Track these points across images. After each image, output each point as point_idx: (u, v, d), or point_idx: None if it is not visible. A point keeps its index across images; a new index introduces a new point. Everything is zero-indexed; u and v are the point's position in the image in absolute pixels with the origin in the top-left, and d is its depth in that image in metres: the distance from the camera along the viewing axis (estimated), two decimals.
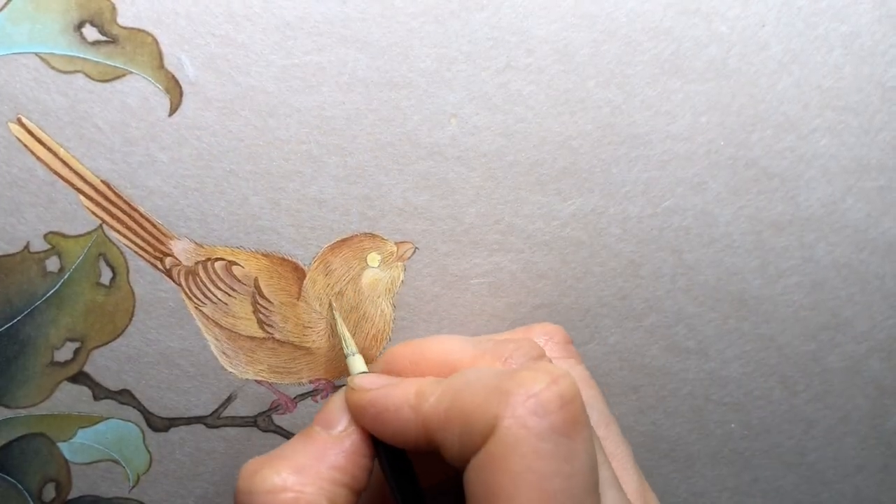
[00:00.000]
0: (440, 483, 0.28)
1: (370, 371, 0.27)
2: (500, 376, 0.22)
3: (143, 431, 0.30)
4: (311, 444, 0.25)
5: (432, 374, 0.25)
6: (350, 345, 0.28)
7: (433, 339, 0.27)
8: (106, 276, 0.29)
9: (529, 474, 0.21)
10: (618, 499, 0.24)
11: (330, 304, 0.30)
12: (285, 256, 0.29)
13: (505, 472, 0.21)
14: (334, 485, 0.24)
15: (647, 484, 0.27)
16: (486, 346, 0.25)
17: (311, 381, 0.31)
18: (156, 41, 0.27)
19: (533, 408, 0.21)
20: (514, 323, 0.31)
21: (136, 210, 0.28)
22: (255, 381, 0.30)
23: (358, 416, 0.25)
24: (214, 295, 0.29)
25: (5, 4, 0.26)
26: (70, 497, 0.31)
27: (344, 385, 0.31)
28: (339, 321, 0.29)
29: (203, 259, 0.29)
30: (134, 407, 0.30)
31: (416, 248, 0.30)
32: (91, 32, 0.27)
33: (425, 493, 0.26)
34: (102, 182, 0.28)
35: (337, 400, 0.26)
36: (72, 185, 0.28)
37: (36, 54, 0.27)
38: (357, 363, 0.27)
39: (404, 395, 0.24)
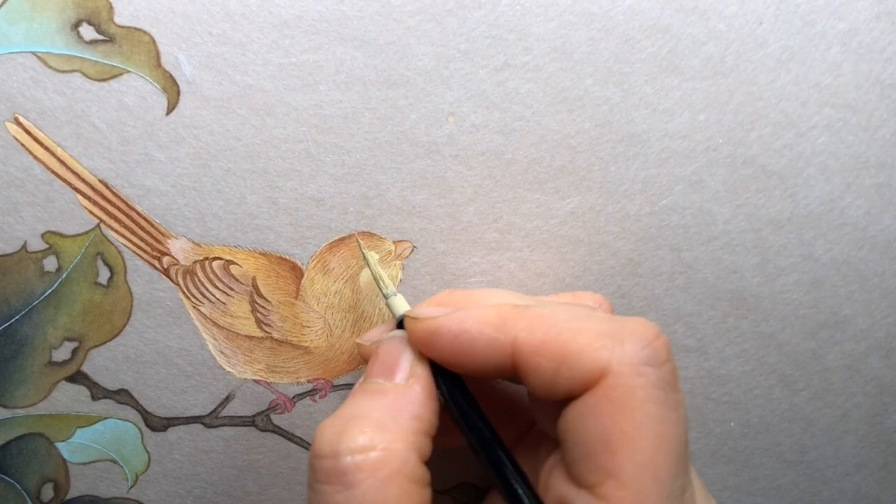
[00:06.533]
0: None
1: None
2: (609, 321, 0.23)
3: (141, 431, 0.30)
4: (382, 398, 0.24)
5: None
6: (388, 285, 0.27)
7: (488, 290, 0.26)
8: (104, 275, 0.29)
9: (647, 419, 0.22)
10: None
11: (357, 241, 0.28)
12: (283, 255, 0.29)
13: (623, 415, 0.22)
14: (418, 436, 0.23)
15: None
16: (548, 303, 0.25)
17: (309, 381, 0.31)
18: (153, 40, 0.27)
19: (647, 358, 0.22)
20: None
21: (133, 209, 0.28)
22: (254, 380, 0.30)
23: (429, 344, 0.24)
24: (212, 294, 0.29)
25: (2, 3, 0.26)
26: (68, 497, 0.31)
27: (347, 385, 0.31)
28: (371, 260, 0.28)
29: (201, 258, 0.29)
30: (132, 406, 0.30)
31: (415, 246, 0.30)
32: (88, 31, 0.27)
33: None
34: (100, 181, 0.28)
35: (392, 345, 0.25)
36: (69, 184, 0.28)
37: (33, 53, 0.27)
38: (399, 303, 0.26)
39: (484, 317, 0.24)
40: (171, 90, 0.27)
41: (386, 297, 0.27)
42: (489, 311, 0.24)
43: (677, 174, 0.30)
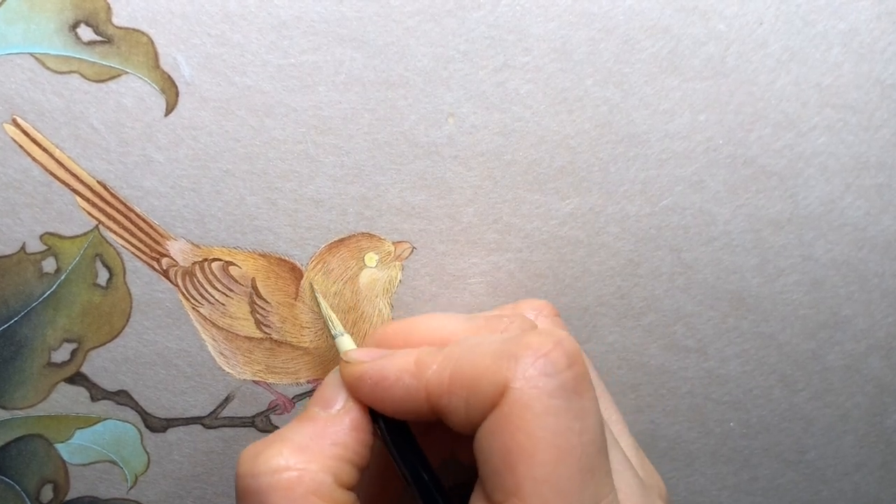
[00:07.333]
0: (440, 465, 0.28)
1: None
2: (505, 341, 0.23)
3: (140, 432, 0.30)
4: (310, 425, 0.25)
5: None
6: (336, 325, 0.28)
7: (424, 317, 0.27)
8: (102, 276, 0.29)
9: (544, 432, 0.21)
10: (621, 459, 0.25)
11: (311, 287, 0.29)
12: (282, 257, 0.29)
13: (520, 430, 0.21)
14: (337, 461, 0.24)
15: (642, 451, 0.28)
16: (479, 322, 0.26)
17: (308, 381, 0.31)
18: (151, 41, 0.27)
19: (542, 368, 0.22)
20: None
21: (132, 211, 0.28)
22: (253, 381, 0.30)
23: (355, 388, 0.25)
24: (211, 295, 0.29)
25: (0, 4, 0.26)
26: (68, 498, 0.31)
27: None
28: (322, 303, 0.29)
29: (200, 259, 0.29)
30: (131, 408, 0.30)
31: (414, 247, 0.30)
32: (86, 32, 0.27)
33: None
34: (98, 183, 0.28)
35: (332, 378, 0.26)
36: (68, 185, 0.28)
37: (31, 55, 0.27)
38: (346, 342, 0.27)
39: (403, 363, 0.24)
40: (170, 91, 0.27)
41: (333, 336, 0.27)
42: (409, 358, 0.24)
43: (677, 175, 0.30)
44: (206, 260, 0.29)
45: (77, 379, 0.29)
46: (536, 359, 0.22)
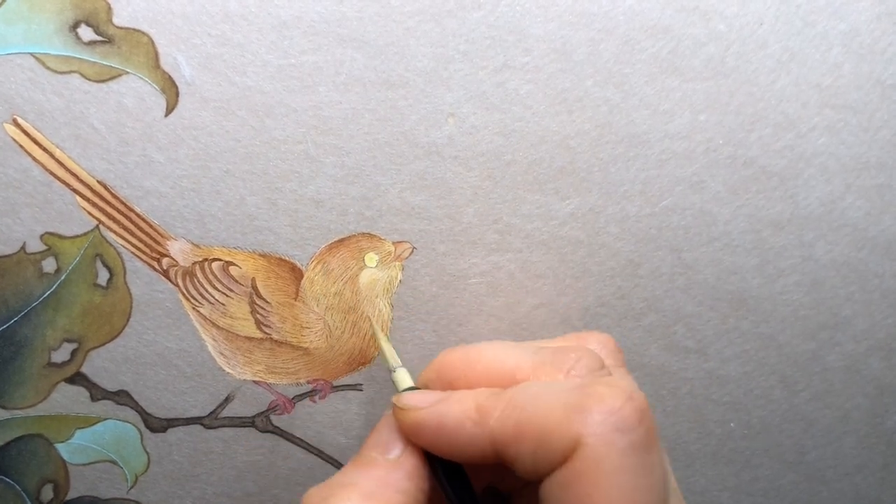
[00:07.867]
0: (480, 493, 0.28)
1: (420, 378, 0.26)
2: (574, 392, 0.23)
3: (140, 432, 0.30)
4: (373, 470, 0.24)
5: (487, 383, 0.25)
6: (392, 359, 0.27)
7: (487, 346, 0.26)
8: (103, 276, 0.29)
9: (616, 490, 0.21)
10: None
11: (369, 319, 0.29)
12: (283, 257, 0.29)
13: (594, 487, 0.21)
14: None
15: (679, 492, 0.28)
16: (545, 356, 0.25)
17: (308, 382, 0.31)
18: (152, 41, 0.27)
19: (615, 424, 0.22)
20: (513, 323, 0.31)
21: (132, 211, 0.28)
22: (253, 381, 0.30)
23: (414, 434, 0.25)
24: (212, 295, 0.29)
25: (0, 4, 0.26)
26: (68, 498, 0.31)
27: (346, 385, 0.31)
28: (380, 335, 0.29)
29: (200, 260, 0.29)
30: (132, 408, 0.30)
31: (414, 247, 0.30)
32: (86, 32, 0.27)
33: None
34: (99, 183, 0.28)
35: (387, 423, 0.26)
36: (68, 185, 0.28)
37: (31, 55, 0.27)
38: (403, 378, 0.27)
39: (463, 409, 0.24)
40: (170, 91, 0.27)
41: (390, 370, 0.27)
42: (468, 403, 0.24)
43: (678, 175, 0.30)
44: (206, 260, 0.29)
45: (77, 379, 0.29)
46: (609, 414, 0.22)
